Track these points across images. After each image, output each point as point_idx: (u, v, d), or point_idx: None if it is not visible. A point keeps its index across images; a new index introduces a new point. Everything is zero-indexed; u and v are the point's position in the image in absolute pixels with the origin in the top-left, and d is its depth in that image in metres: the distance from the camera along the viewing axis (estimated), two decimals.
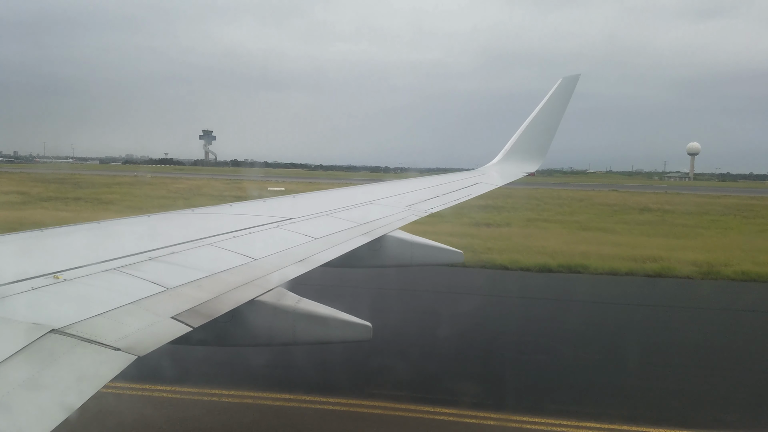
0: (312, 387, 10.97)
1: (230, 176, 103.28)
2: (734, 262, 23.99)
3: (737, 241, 30.89)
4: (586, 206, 54.02)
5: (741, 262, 23.77)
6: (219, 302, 4.00)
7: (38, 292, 3.47)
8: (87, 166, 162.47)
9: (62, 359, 2.77)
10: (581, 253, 25.06)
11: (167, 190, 61.42)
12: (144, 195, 56.21)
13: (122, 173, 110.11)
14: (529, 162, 17.88)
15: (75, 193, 55.39)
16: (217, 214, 7.39)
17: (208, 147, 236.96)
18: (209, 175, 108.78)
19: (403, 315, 16.30)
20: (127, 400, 10.10)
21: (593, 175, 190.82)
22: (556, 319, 16.76)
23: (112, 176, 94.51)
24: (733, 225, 40.06)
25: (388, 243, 8.39)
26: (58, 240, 5.00)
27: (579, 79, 17.77)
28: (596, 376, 12.26)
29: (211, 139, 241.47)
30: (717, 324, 16.75)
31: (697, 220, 42.79)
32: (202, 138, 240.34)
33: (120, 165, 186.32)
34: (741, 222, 42.51)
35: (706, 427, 9.87)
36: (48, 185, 64.39)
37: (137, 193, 58.69)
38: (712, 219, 43.69)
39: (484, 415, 10.01)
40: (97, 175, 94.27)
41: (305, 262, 5.41)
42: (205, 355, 11.68)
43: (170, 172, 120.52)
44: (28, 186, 62.81)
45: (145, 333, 3.26)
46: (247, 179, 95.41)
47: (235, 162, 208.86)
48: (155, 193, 58.25)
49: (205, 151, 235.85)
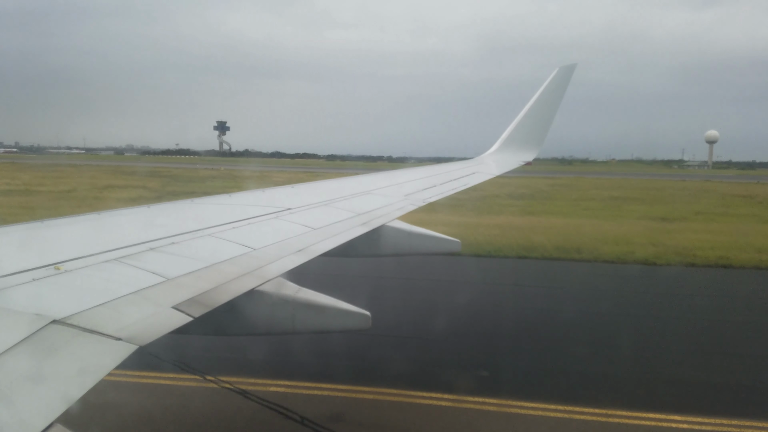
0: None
1: (276, 167, 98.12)
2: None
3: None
4: (717, 197, 53.00)
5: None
6: (219, 292, 4.01)
7: (39, 283, 3.47)
8: (103, 157, 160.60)
9: (63, 350, 2.78)
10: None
11: (273, 182, 58.08)
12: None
13: (166, 165, 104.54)
14: (527, 151, 17.87)
15: (188, 188, 51.03)
16: (216, 204, 7.38)
17: (223, 137, 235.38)
18: (240, 166, 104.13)
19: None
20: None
21: (610, 164, 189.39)
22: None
23: (170, 168, 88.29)
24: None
25: (386, 232, 8.40)
26: (58, 231, 5.00)
27: (576, 68, 17.76)
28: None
29: (225, 129, 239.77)
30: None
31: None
32: (216, 129, 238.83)
33: (139, 156, 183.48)
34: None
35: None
36: (148, 179, 61.32)
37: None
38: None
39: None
40: (150, 167, 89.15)
41: (304, 252, 5.42)
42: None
43: (195, 163, 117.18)
44: (125, 179, 60.04)
45: (146, 323, 3.27)
46: (304, 170, 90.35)
47: (247, 152, 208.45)
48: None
49: (219, 142, 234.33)
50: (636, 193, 57.71)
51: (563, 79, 17.45)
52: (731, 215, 38.75)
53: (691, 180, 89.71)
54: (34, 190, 49.12)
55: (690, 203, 47.22)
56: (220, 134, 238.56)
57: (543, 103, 17.61)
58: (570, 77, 17.47)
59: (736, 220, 36.15)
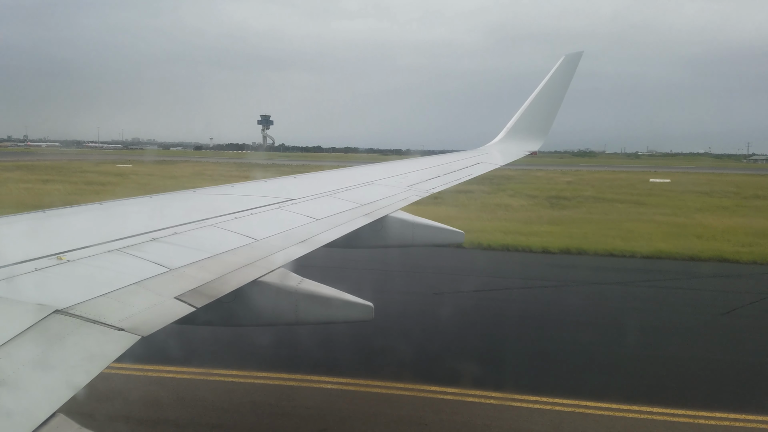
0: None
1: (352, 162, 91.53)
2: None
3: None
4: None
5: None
6: (222, 283, 4.02)
7: (42, 273, 3.48)
8: (150, 152, 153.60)
9: (67, 339, 2.79)
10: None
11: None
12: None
13: (239, 161, 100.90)
14: (532, 141, 17.77)
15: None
16: (219, 194, 7.38)
17: (266, 132, 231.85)
18: (299, 162, 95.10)
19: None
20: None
21: (677, 156, 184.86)
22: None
23: (267, 165, 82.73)
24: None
25: (390, 223, 8.40)
26: (61, 221, 5.01)
27: (582, 56, 17.58)
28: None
29: (269, 123, 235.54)
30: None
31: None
32: (260, 123, 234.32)
33: (192, 151, 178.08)
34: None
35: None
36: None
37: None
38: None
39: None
40: (230, 163, 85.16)
41: (307, 242, 5.42)
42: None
43: (245, 158, 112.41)
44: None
45: (149, 313, 3.28)
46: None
47: (284, 147, 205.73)
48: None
49: (263, 136, 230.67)
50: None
51: (569, 68, 17.27)
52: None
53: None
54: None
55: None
56: (264, 128, 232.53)
57: (549, 91, 17.45)
58: (576, 65, 17.29)
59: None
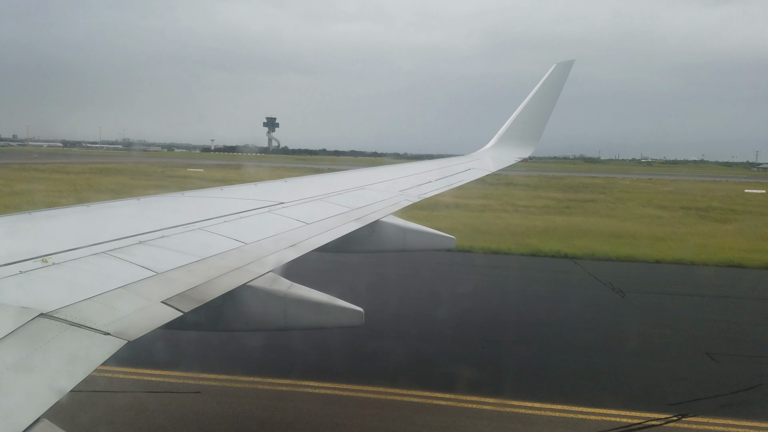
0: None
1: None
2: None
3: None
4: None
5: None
6: (209, 287, 3.98)
7: (27, 276, 3.43)
8: (159, 153, 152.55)
9: (51, 343, 2.74)
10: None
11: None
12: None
13: (252, 163, 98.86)
14: (523, 147, 17.87)
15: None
16: (207, 197, 7.32)
17: (272, 134, 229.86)
18: (317, 165, 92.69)
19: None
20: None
21: (686, 164, 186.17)
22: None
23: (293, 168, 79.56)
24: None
25: (381, 228, 8.37)
26: (46, 223, 4.95)
27: (573, 64, 17.73)
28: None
29: (275, 126, 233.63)
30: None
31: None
32: (266, 125, 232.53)
33: (198, 153, 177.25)
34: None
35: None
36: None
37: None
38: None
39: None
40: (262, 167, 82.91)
41: (297, 247, 5.38)
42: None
43: (258, 161, 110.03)
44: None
45: (135, 318, 3.24)
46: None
47: (286, 150, 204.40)
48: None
49: (268, 139, 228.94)
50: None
51: (561, 76, 17.43)
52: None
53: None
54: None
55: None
56: (270, 131, 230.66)
57: (540, 99, 17.58)
58: (567, 74, 17.45)
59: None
